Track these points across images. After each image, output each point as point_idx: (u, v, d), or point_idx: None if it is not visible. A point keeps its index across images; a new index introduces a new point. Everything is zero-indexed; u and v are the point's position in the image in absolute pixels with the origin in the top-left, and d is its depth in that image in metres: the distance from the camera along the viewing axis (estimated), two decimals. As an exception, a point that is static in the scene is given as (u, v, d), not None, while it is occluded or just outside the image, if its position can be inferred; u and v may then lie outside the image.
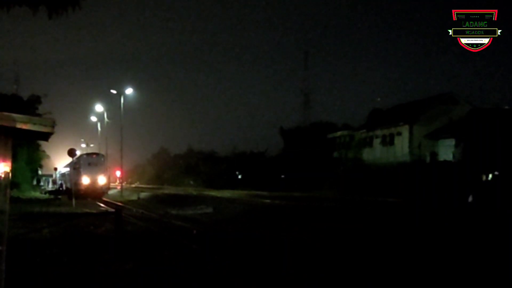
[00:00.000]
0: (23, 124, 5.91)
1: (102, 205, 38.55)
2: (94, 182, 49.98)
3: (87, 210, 29.21)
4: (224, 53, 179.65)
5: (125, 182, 75.51)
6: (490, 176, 33.75)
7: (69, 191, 46.59)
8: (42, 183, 71.17)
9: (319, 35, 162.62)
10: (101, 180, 50.88)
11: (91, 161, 51.61)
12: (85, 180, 49.69)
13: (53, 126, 6.21)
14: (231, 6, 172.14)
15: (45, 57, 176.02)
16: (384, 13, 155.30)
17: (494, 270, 10.98)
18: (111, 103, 73.13)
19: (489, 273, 10.64)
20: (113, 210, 20.99)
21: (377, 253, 13.50)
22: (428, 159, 44.69)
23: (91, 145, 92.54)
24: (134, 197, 51.86)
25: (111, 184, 64.38)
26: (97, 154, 56.83)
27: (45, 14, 12.21)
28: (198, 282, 9.86)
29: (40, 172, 70.62)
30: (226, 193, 52.90)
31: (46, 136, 6.71)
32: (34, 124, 6.02)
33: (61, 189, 60.26)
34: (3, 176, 6.12)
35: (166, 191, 61.95)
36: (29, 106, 53.12)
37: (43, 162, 70.72)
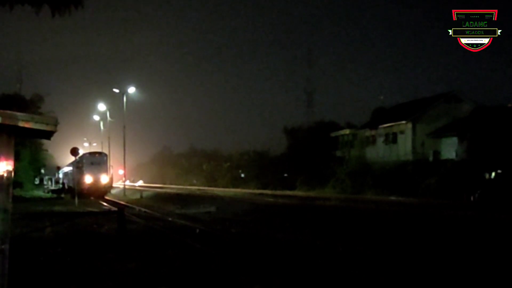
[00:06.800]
0: (26, 122, 5.87)
1: (105, 204, 38.56)
2: (97, 181, 49.96)
3: (90, 209, 29.22)
4: (227, 52, 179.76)
5: (128, 181, 75.43)
6: (493, 174, 33.67)
7: (72, 190, 46.61)
8: (45, 182, 71.19)
9: (322, 34, 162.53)
10: (104, 179, 50.87)
11: (94, 160, 51.56)
12: (88, 179, 49.69)
13: (55, 125, 6.17)
14: (235, 5, 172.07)
15: (48, 56, 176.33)
16: (387, 12, 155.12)
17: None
18: (114, 102, 73.10)
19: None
20: (116, 209, 20.98)
21: (375, 255, 13.45)
22: (431, 157, 44.58)
23: (94, 144, 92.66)
24: (137, 196, 51.92)
25: (114, 183, 64.35)
26: (99, 153, 56.80)
27: (48, 13, 12.18)
28: (202, 281, 9.83)
29: (43, 171, 70.66)
30: (229, 192, 52.92)
31: (48, 135, 6.67)
32: (37, 122, 5.97)
33: (64, 188, 60.28)
34: (5, 175, 6.08)
35: (169, 190, 62.00)
36: (32, 105, 53.16)
37: (46, 161, 70.78)
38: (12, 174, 6.18)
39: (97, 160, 51.77)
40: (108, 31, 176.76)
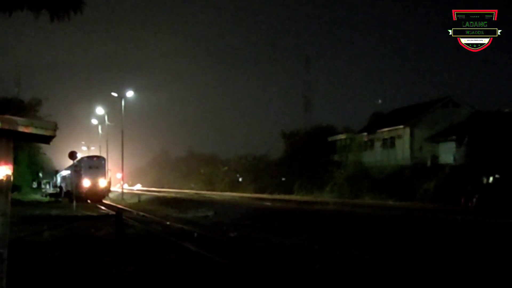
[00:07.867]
0: (25, 127, 5.89)
1: (103, 208, 38.50)
2: (95, 185, 49.85)
3: (88, 213, 29.22)
4: (225, 56, 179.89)
5: (126, 184, 75.35)
6: (491, 179, 33.73)
7: (69, 194, 46.51)
8: (43, 186, 71.03)
9: (320, 38, 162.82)
10: (102, 183, 50.79)
11: (92, 164, 51.46)
12: (86, 183, 49.58)
13: (55, 129, 6.18)
14: (233, 10, 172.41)
15: (46, 60, 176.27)
16: (385, 16, 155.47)
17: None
18: (112, 106, 73.12)
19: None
20: (114, 213, 20.98)
21: (373, 259, 13.49)
22: (429, 162, 44.66)
23: (92, 148, 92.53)
24: (135, 200, 51.88)
25: (112, 187, 64.29)
26: (98, 157, 56.73)
27: (47, 17, 12.25)
28: (200, 284, 9.85)
29: (41, 175, 70.56)
30: (227, 196, 52.93)
31: (47, 139, 6.69)
32: (36, 127, 5.98)
33: (61, 192, 60.17)
34: (4, 179, 6.10)
35: (167, 194, 61.97)
36: (30, 109, 53.14)
37: (44, 165, 70.69)
38: (11, 178, 6.20)
39: (95, 164, 51.68)
40: (107, 35, 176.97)
